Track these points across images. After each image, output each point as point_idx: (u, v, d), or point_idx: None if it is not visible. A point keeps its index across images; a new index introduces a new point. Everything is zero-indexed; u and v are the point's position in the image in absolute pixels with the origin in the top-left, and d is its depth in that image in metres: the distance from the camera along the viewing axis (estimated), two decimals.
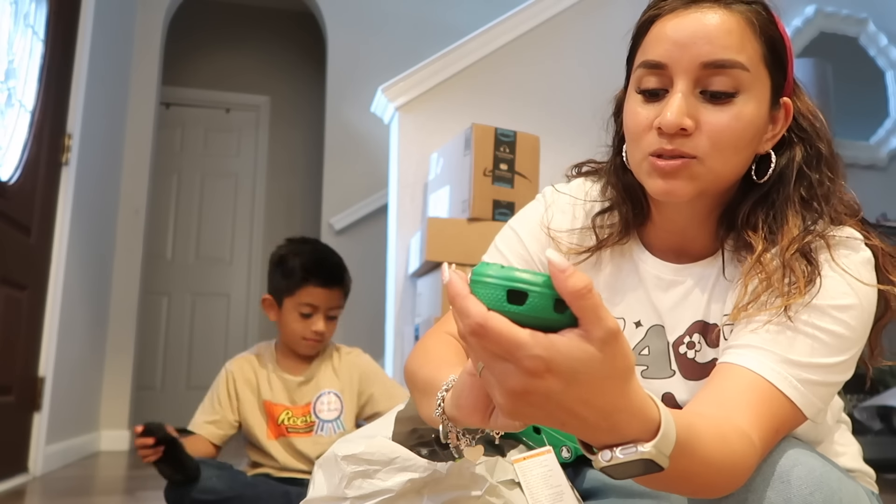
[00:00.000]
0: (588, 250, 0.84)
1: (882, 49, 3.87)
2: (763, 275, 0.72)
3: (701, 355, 0.78)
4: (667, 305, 0.81)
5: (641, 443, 0.49)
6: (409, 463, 0.75)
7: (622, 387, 0.47)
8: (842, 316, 0.70)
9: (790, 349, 0.68)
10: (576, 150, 3.16)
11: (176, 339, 4.66)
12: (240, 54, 5.07)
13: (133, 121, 3.77)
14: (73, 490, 2.33)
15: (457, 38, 2.83)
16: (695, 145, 0.71)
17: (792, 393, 0.67)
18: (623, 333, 0.47)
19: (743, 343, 0.70)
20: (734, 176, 0.75)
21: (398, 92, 2.66)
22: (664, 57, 0.72)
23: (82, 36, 2.96)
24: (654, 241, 0.83)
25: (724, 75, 0.70)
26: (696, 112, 0.71)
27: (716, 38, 0.70)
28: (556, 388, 0.45)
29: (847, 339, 0.70)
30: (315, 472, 0.82)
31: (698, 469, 0.56)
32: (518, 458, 0.79)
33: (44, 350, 2.68)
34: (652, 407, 0.50)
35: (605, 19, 2.93)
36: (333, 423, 1.55)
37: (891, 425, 2.79)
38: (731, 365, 0.69)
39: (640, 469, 0.50)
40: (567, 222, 0.88)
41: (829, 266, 0.72)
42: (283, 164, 5.07)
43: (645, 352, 0.81)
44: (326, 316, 1.55)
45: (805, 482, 0.62)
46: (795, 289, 0.70)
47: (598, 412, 0.47)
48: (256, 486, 1.43)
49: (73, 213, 2.85)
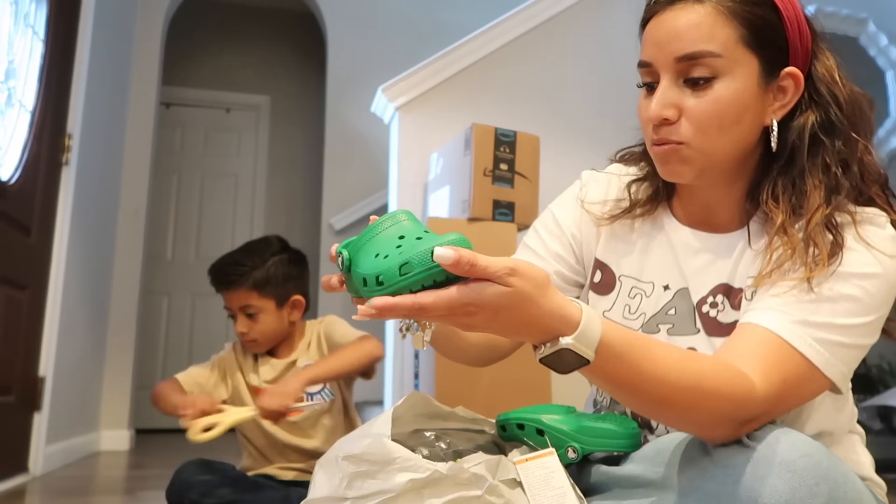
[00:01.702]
0: (623, 211, 0.92)
1: (882, 49, 3.87)
2: (788, 244, 0.77)
3: (723, 315, 0.83)
4: (693, 269, 0.87)
5: (564, 336, 0.62)
6: (409, 463, 0.74)
7: (537, 300, 0.61)
8: (863, 283, 0.74)
9: (808, 312, 0.73)
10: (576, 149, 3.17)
11: (176, 339, 4.66)
12: (240, 54, 5.07)
13: (133, 121, 3.77)
14: (73, 490, 2.33)
15: (457, 38, 2.83)
16: (680, 132, 0.79)
17: (806, 350, 0.71)
18: (519, 264, 0.61)
19: (762, 305, 0.75)
20: (731, 152, 0.81)
21: (398, 92, 2.66)
22: (648, 57, 0.82)
23: (82, 36, 2.96)
24: (683, 213, 0.90)
25: (698, 65, 0.78)
26: (680, 100, 0.79)
27: (684, 34, 0.78)
28: (490, 317, 0.62)
29: (867, 303, 0.74)
30: (315, 472, 0.82)
31: (638, 378, 0.66)
32: (520, 460, 0.79)
33: (44, 350, 2.68)
34: (575, 311, 0.63)
35: (605, 19, 2.93)
36: (321, 394, 1.55)
37: (891, 425, 2.80)
38: (747, 323, 0.75)
39: (570, 359, 0.63)
40: (601, 193, 0.96)
41: (855, 240, 0.76)
42: (283, 164, 5.07)
43: (672, 312, 0.87)
44: (247, 315, 1.54)
45: (811, 473, 0.62)
46: (819, 259, 0.74)
47: (525, 323, 0.62)
48: (258, 487, 1.43)
49: (73, 213, 2.85)
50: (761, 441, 0.66)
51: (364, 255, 0.65)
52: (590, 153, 2.87)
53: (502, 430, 0.88)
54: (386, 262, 0.62)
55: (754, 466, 0.64)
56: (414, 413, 0.89)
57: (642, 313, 0.89)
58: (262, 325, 1.55)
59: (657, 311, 0.88)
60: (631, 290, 0.91)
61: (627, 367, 0.66)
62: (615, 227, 0.93)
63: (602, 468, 0.82)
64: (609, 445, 0.81)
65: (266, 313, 1.55)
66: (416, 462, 0.75)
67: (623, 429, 0.81)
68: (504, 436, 0.88)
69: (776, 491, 0.62)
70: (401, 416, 0.88)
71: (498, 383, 1.99)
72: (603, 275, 0.94)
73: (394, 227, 0.66)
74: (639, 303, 0.89)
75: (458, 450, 0.82)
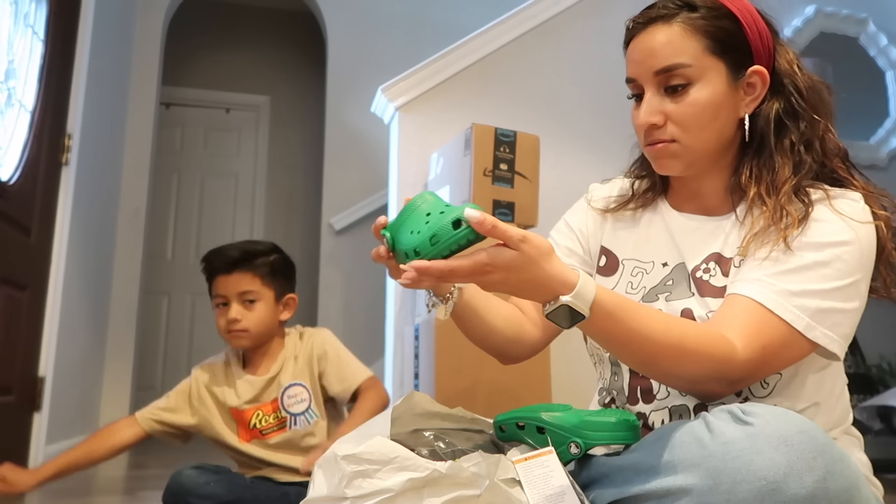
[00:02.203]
0: (627, 200, 1.06)
1: (882, 49, 3.86)
2: (765, 213, 0.88)
3: (715, 280, 0.93)
4: (688, 245, 0.98)
5: (564, 295, 0.75)
6: (409, 462, 0.75)
7: (542, 265, 0.75)
8: (837, 250, 0.84)
9: (787, 282, 0.83)
10: (576, 149, 3.17)
11: (176, 339, 4.66)
12: (240, 54, 5.07)
13: (133, 121, 3.77)
14: (73, 490, 2.33)
15: (457, 38, 2.83)
16: (668, 133, 0.93)
17: (786, 315, 0.81)
18: (529, 234, 0.75)
19: (747, 277, 0.86)
20: (713, 145, 0.93)
21: (398, 92, 2.66)
22: (632, 73, 0.95)
23: (82, 36, 2.96)
24: (679, 203, 1.02)
25: (673, 75, 0.91)
26: (663, 106, 0.92)
27: (658, 51, 0.91)
28: (504, 276, 0.75)
29: (840, 269, 0.83)
30: (315, 472, 0.82)
31: (627, 335, 0.80)
32: (519, 459, 0.79)
33: (44, 350, 2.68)
34: (573, 275, 0.76)
35: (604, 20, 2.93)
36: (305, 416, 1.52)
37: (891, 425, 2.80)
38: (733, 294, 0.86)
39: (568, 314, 0.76)
40: (606, 192, 1.11)
41: (830, 211, 0.86)
42: (283, 164, 5.07)
43: (669, 282, 0.97)
44: (242, 302, 1.51)
45: (808, 447, 0.66)
46: (790, 223, 0.86)
47: (531, 283, 0.76)
48: (254, 488, 1.43)
49: (73, 213, 2.85)
50: (760, 417, 0.68)
51: (402, 233, 0.80)
52: (589, 153, 2.88)
53: (500, 430, 0.88)
54: (419, 236, 0.77)
55: (753, 441, 0.66)
56: (413, 413, 0.89)
57: (643, 287, 0.99)
58: (258, 315, 1.51)
59: (656, 284, 0.98)
60: (633, 269, 1.02)
61: (618, 323, 0.79)
62: (619, 218, 1.06)
63: (603, 459, 0.83)
64: (611, 438, 0.82)
65: (264, 302, 1.52)
66: (415, 461, 0.75)
67: (623, 422, 0.82)
68: (502, 436, 0.88)
69: (774, 464, 0.65)
70: (400, 416, 0.88)
71: (498, 383, 1.99)
72: (608, 259, 1.06)
73: (422, 205, 0.80)
74: (640, 279, 1.00)
75: (457, 449, 0.82)
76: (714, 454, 0.68)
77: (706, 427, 0.72)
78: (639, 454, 0.78)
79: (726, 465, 0.67)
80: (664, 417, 0.91)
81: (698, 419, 0.74)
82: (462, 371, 2.00)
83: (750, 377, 0.82)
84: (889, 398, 2.65)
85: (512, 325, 1.04)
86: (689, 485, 0.69)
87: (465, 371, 2.00)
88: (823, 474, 0.64)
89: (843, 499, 0.65)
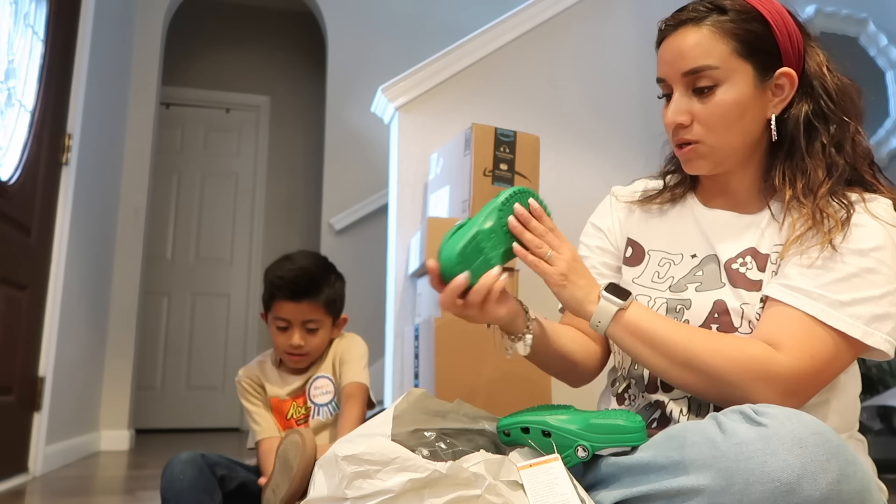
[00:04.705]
0: (657, 193, 1.10)
1: (882, 49, 3.86)
2: (806, 216, 0.90)
3: (751, 273, 0.95)
4: (721, 238, 1.00)
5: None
6: (409, 463, 0.75)
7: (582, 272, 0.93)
8: (880, 254, 0.86)
9: (837, 291, 0.84)
10: (576, 150, 3.17)
11: (176, 339, 4.66)
12: (240, 54, 5.07)
13: (133, 121, 3.77)
14: (73, 490, 2.33)
15: (457, 38, 2.83)
16: (694, 133, 0.96)
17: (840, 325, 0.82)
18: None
19: (792, 286, 0.87)
20: (739, 144, 0.96)
21: (398, 92, 2.66)
22: (662, 74, 0.99)
23: (82, 36, 2.96)
24: (708, 199, 1.06)
25: (701, 77, 0.93)
26: (691, 107, 0.95)
27: (687, 53, 0.94)
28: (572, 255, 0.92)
29: (888, 274, 0.85)
30: (315, 472, 0.82)
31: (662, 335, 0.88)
32: (523, 465, 0.79)
33: (44, 350, 2.68)
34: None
35: (604, 20, 2.93)
36: (328, 407, 1.55)
37: (891, 425, 2.80)
38: (779, 305, 0.87)
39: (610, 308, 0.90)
40: (629, 190, 1.16)
41: (868, 216, 0.88)
42: (283, 164, 5.07)
43: (699, 273, 0.99)
44: (305, 329, 1.54)
45: (822, 449, 0.65)
46: (833, 225, 0.88)
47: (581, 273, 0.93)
48: (248, 468, 1.47)
49: (73, 213, 2.85)
50: (773, 418, 0.68)
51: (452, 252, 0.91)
52: (589, 153, 2.87)
53: (504, 435, 0.87)
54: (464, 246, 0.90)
55: (766, 443, 0.66)
56: (415, 410, 0.89)
57: (671, 277, 1.02)
58: (318, 340, 1.56)
59: (686, 274, 1.01)
60: (660, 260, 1.05)
61: (649, 325, 0.88)
62: (646, 211, 1.10)
63: (611, 459, 0.83)
64: (618, 441, 0.81)
65: (324, 329, 1.56)
66: (415, 462, 0.75)
67: (631, 423, 0.81)
68: (507, 441, 0.87)
69: (788, 465, 0.65)
70: (401, 414, 0.88)
71: (498, 383, 1.99)
72: (633, 250, 1.09)
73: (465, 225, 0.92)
74: (667, 269, 1.03)
75: (458, 450, 0.82)
76: (727, 455, 0.68)
77: (718, 427, 0.72)
78: (648, 454, 0.78)
79: (739, 465, 0.67)
80: (683, 407, 0.92)
81: (709, 419, 0.74)
82: (462, 371, 2.00)
83: (803, 386, 0.83)
84: (889, 398, 2.65)
85: (579, 344, 1.08)
86: (700, 485, 0.69)
87: (465, 371, 2.00)
88: (837, 476, 0.64)
89: (856, 501, 0.65)
